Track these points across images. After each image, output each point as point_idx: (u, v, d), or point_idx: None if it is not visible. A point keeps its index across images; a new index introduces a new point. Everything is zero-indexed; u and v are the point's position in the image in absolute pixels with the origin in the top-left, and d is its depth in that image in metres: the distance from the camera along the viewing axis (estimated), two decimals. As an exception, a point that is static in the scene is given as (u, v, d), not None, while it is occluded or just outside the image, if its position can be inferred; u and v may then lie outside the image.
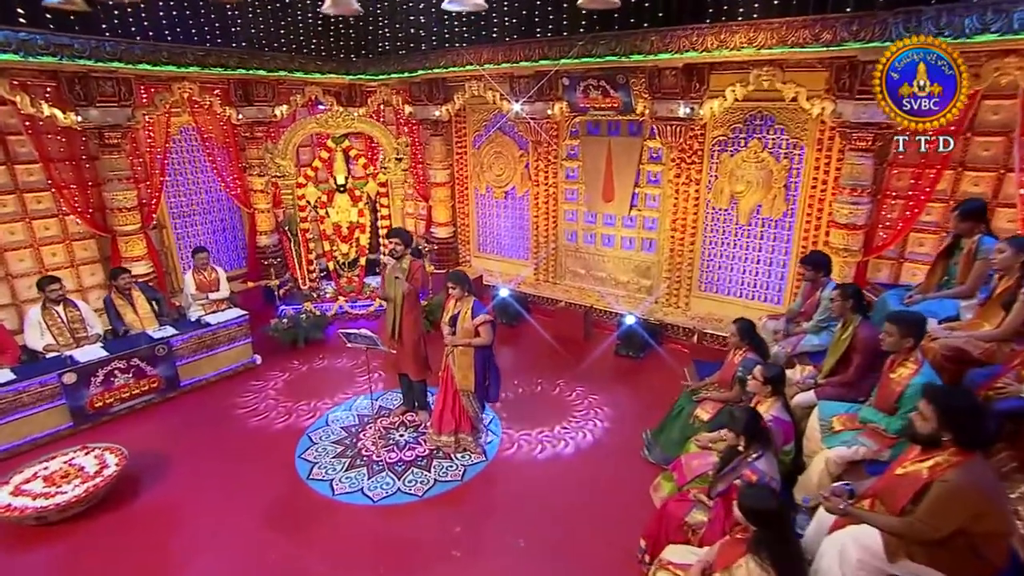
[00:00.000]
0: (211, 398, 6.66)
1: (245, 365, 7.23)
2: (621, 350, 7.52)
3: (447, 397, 5.55)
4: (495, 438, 5.88)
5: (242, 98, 8.69)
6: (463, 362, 5.36)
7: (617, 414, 6.36)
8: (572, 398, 6.57)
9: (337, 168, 8.60)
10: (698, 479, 4.48)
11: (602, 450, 5.68)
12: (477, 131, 9.58)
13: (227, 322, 7.02)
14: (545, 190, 8.92)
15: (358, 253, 8.97)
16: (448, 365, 5.46)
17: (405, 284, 5.61)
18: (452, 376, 5.44)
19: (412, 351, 5.84)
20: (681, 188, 7.65)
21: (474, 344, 5.25)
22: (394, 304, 5.77)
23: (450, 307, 5.45)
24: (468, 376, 5.39)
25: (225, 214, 9.40)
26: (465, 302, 5.33)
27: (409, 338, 5.81)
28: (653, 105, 7.23)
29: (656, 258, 8.23)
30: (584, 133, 8.39)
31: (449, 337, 5.36)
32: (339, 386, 6.90)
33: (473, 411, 5.55)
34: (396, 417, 6.21)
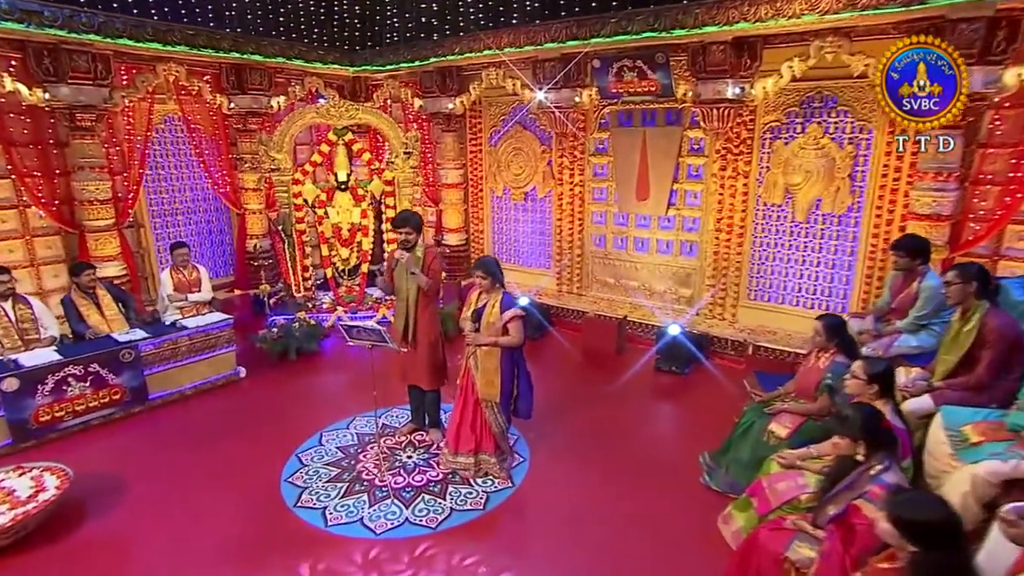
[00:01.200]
0: (185, 414, 5.90)
1: (227, 378, 6.49)
2: (662, 365, 6.78)
3: (466, 409, 4.79)
4: (522, 461, 5.08)
5: (235, 85, 8.17)
6: (487, 365, 4.61)
7: (664, 436, 5.61)
8: (610, 418, 5.79)
9: (339, 163, 8.02)
10: (787, 505, 3.68)
11: (651, 478, 4.87)
12: (494, 126, 9.04)
13: (208, 326, 6.29)
14: (570, 190, 8.33)
15: (359, 259, 8.32)
16: (469, 369, 4.72)
17: (422, 278, 4.89)
18: (473, 383, 4.69)
19: (427, 356, 5.12)
20: (727, 182, 7.04)
21: (501, 344, 4.53)
22: (406, 300, 5.05)
23: (473, 299, 4.75)
24: (493, 383, 4.64)
25: (212, 215, 8.80)
26: (493, 294, 4.63)
27: (424, 340, 5.09)
28: (697, 87, 6.67)
29: (698, 263, 7.58)
30: (615, 124, 7.83)
31: (472, 335, 4.62)
32: (335, 402, 6.16)
33: (498, 426, 4.77)
34: (403, 436, 5.43)
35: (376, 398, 4.88)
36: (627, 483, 4.78)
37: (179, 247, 6.76)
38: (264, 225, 8.78)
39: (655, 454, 5.23)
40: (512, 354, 4.64)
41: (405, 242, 4.93)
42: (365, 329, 4.57)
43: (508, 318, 4.55)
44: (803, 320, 6.81)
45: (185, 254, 6.76)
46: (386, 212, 8.30)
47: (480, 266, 4.61)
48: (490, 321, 4.59)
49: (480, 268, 4.61)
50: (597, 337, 7.38)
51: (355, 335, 4.65)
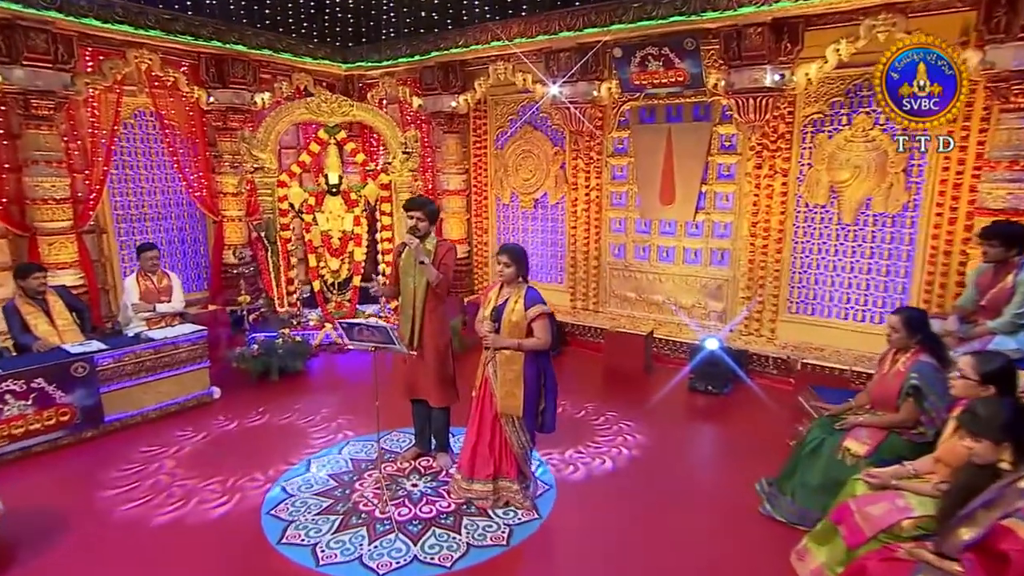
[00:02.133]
0: (147, 438, 5.34)
1: (199, 398, 5.97)
2: (697, 384, 6.34)
3: (483, 426, 4.30)
4: (548, 489, 4.55)
5: (215, 78, 7.83)
6: (508, 373, 4.14)
7: (710, 462, 5.14)
8: (646, 444, 5.30)
9: (330, 164, 7.67)
10: (886, 533, 3.18)
11: (701, 509, 4.38)
12: (501, 127, 8.74)
13: (177, 338, 5.79)
14: (585, 195, 7.99)
15: (351, 271, 7.89)
16: (487, 379, 4.25)
17: (431, 270, 4.45)
18: (491, 395, 4.22)
19: (435, 365, 4.65)
20: (763, 182, 6.72)
21: (525, 347, 4.08)
22: (412, 300, 4.61)
23: (492, 296, 4.29)
24: (515, 394, 4.15)
25: (185, 221, 8.37)
26: (515, 289, 4.18)
27: (432, 346, 4.62)
28: (730, 76, 6.39)
29: (731, 273, 7.21)
30: (636, 122, 7.53)
31: (490, 336, 4.14)
32: (324, 425, 5.64)
33: (520, 446, 4.28)
34: (405, 462, 4.90)
35: (378, 410, 4.35)
36: (674, 515, 4.28)
37: (148, 249, 6.27)
38: (244, 234, 8.33)
39: (702, 482, 4.76)
40: (537, 359, 4.19)
41: (415, 228, 4.52)
42: (369, 327, 4.09)
43: (533, 316, 4.10)
44: (853, 335, 6.46)
45: (155, 257, 6.26)
46: (381, 220, 7.90)
47: (505, 251, 4.18)
48: (512, 320, 4.14)
49: (505, 253, 4.18)
50: (621, 355, 6.92)
51: (356, 335, 4.18)
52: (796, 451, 4.37)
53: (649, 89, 7.03)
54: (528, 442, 4.31)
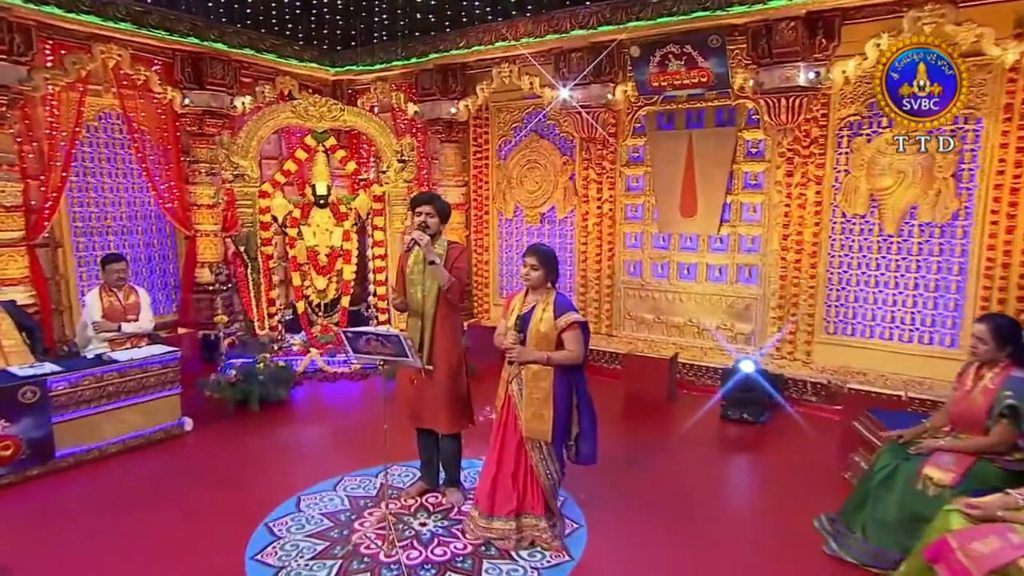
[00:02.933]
0: (106, 477, 4.89)
1: (168, 430, 5.54)
2: (731, 412, 6.04)
3: (505, 454, 3.95)
4: (578, 528, 4.17)
5: (191, 79, 7.60)
6: (536, 391, 3.81)
7: (757, 498, 4.81)
8: (680, 477, 4.97)
9: (317, 173, 7.41)
10: (999, 573, 2.83)
11: (755, 549, 4.03)
12: (504, 136, 8.59)
13: (146, 360, 5.37)
14: (597, 208, 7.80)
15: (339, 291, 7.56)
16: (510, 398, 3.91)
17: (443, 273, 4.17)
18: (515, 417, 3.89)
19: (446, 386, 4.30)
20: (795, 191, 6.54)
21: (555, 361, 3.77)
22: (421, 310, 4.31)
23: (516, 303, 3.97)
24: (543, 415, 3.82)
25: (153, 236, 8.03)
26: (543, 294, 3.89)
27: (443, 364, 4.29)
28: (759, 75, 6.27)
29: (760, 291, 7.00)
30: (653, 128, 7.39)
31: (516, 349, 3.82)
32: (314, 459, 5.25)
33: (548, 477, 3.93)
34: (410, 499, 4.50)
35: (387, 433, 3.94)
36: (725, 557, 3.91)
37: (114, 260, 5.87)
38: (219, 250, 7.97)
39: (751, 519, 4.41)
40: (569, 376, 3.89)
41: (424, 226, 4.23)
42: (379, 336, 3.71)
43: (564, 325, 3.81)
44: (900, 358, 6.23)
45: (122, 270, 5.86)
46: (373, 235, 7.58)
47: (533, 252, 3.89)
48: (540, 330, 3.83)
49: (533, 255, 3.89)
50: (642, 382, 6.59)
51: (362, 347, 3.79)
52: (863, 482, 4.04)
53: (669, 92, 6.88)
54: (557, 472, 3.98)
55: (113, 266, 5.85)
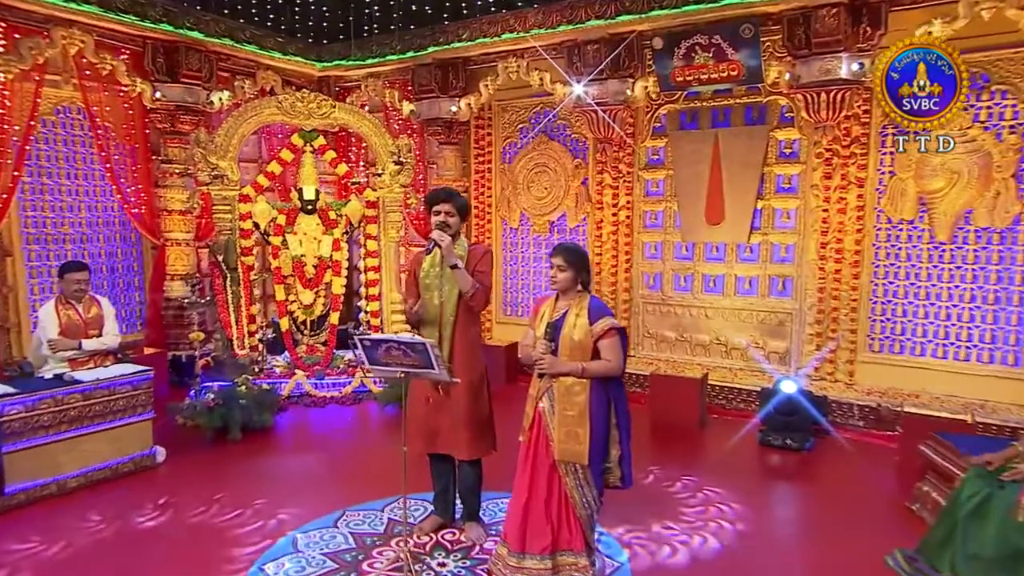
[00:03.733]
0: (64, 517, 4.53)
1: (138, 461, 5.22)
2: (772, 438, 5.83)
3: (536, 480, 3.68)
4: (619, 567, 3.90)
5: (164, 70, 7.40)
6: (569, 407, 3.57)
7: (814, 535, 4.48)
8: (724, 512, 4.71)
9: (305, 176, 7.21)
10: None
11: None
12: (509, 138, 8.52)
13: (114, 381, 5.07)
14: (613, 215, 7.68)
15: (327, 306, 7.31)
16: (539, 416, 3.66)
17: (467, 278, 3.97)
18: (546, 438, 3.63)
19: (467, 405, 4.06)
20: (834, 195, 6.45)
21: (591, 372, 3.54)
22: (439, 320, 4.09)
23: (544, 309, 3.74)
24: (578, 434, 3.57)
25: (116, 245, 7.73)
26: (576, 298, 3.68)
27: (463, 381, 4.00)
28: (795, 68, 6.18)
29: (795, 305, 6.88)
30: (674, 127, 7.31)
31: (547, 360, 3.57)
32: (310, 493, 4.92)
33: (586, 506, 3.65)
34: (424, 535, 4.22)
35: (405, 457, 3.65)
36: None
37: (74, 269, 5.51)
38: (191, 261, 7.67)
39: (813, 559, 4.15)
40: (606, 389, 3.65)
41: (444, 225, 4.03)
42: (401, 344, 3.46)
43: (601, 332, 3.57)
44: (955, 378, 6.09)
45: (83, 280, 5.51)
46: (366, 244, 7.36)
47: (560, 251, 3.67)
48: (574, 338, 3.59)
49: (560, 254, 3.67)
50: (670, 405, 6.37)
51: (380, 357, 3.53)
52: (948, 513, 3.82)
53: (694, 87, 6.78)
54: (595, 500, 3.69)
55: (74, 276, 5.49)
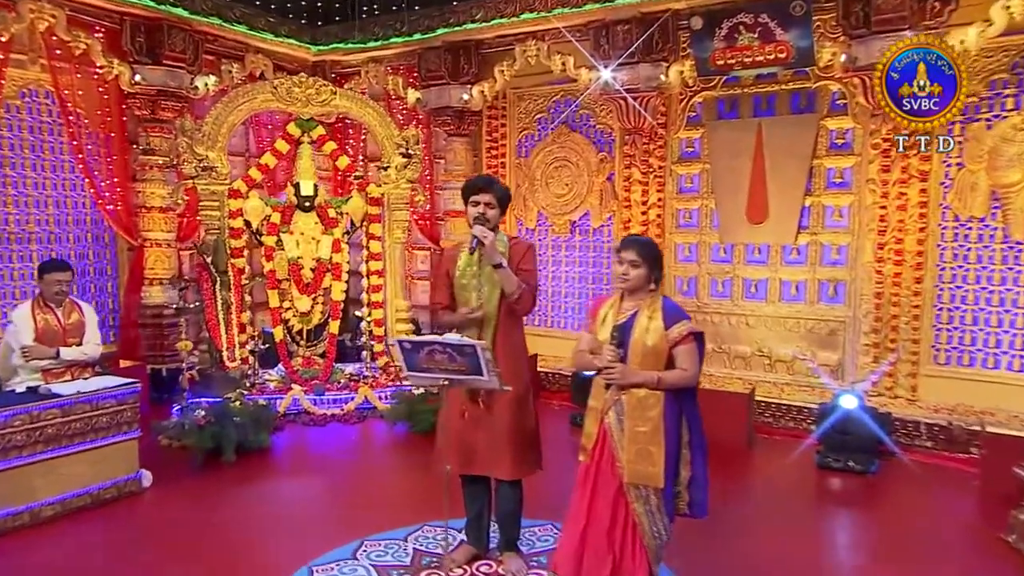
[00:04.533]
0: (39, 550, 4.28)
1: (121, 486, 4.94)
2: (831, 460, 5.65)
3: (597, 505, 3.47)
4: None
5: (143, 50, 7.18)
6: (642, 423, 3.36)
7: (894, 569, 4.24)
8: (791, 544, 4.50)
9: (303, 170, 7.06)
10: None
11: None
12: (525, 129, 8.44)
13: (96, 395, 4.80)
14: (642, 214, 7.55)
15: (326, 314, 7.13)
16: (605, 432, 3.44)
17: (512, 279, 3.77)
18: (611, 457, 3.43)
19: (510, 421, 3.85)
20: (893, 190, 6.33)
21: (667, 383, 3.34)
22: (479, 325, 3.89)
23: (607, 312, 3.53)
24: (652, 455, 3.36)
25: (88, 246, 7.45)
26: (646, 300, 3.45)
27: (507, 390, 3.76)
28: (851, 49, 6.06)
29: (848, 312, 6.76)
30: (712, 117, 7.23)
31: (617, 368, 3.33)
32: (321, 522, 4.69)
33: (655, 536, 3.42)
34: (456, 566, 4.02)
35: (447, 476, 3.39)
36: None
37: (56, 269, 5.23)
38: (173, 264, 7.42)
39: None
40: (679, 402, 3.44)
41: (483, 219, 3.81)
42: (446, 347, 3.23)
43: (679, 337, 3.35)
44: None
45: (64, 282, 5.22)
46: (369, 246, 7.19)
47: (631, 245, 3.45)
48: (647, 344, 3.36)
49: (631, 247, 3.43)
50: (712, 423, 5.83)
51: (421, 362, 3.29)
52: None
53: (736, 71, 6.66)
54: (666, 529, 3.45)
55: (55, 276, 5.20)
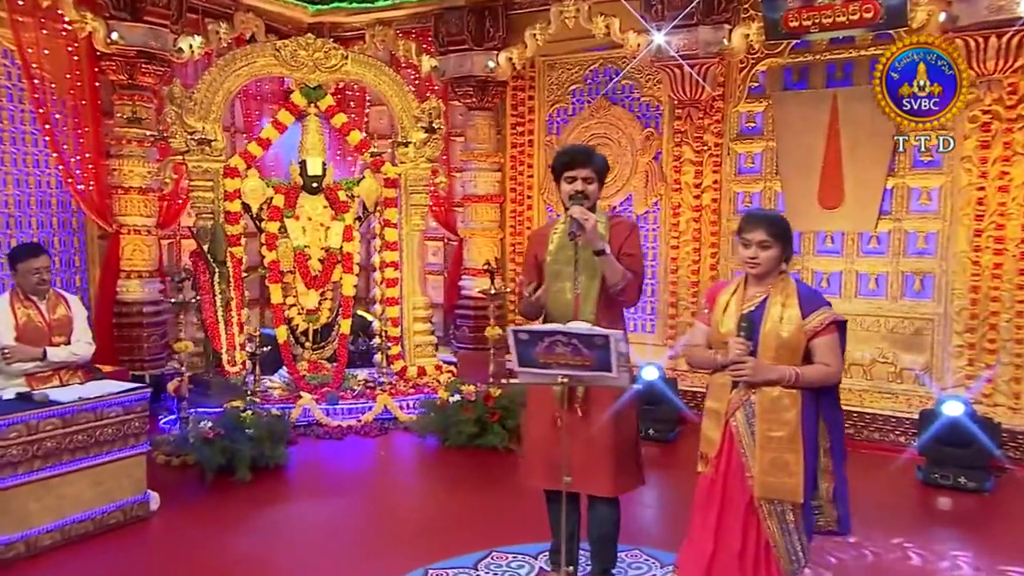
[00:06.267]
0: None
1: (127, 509, 4.83)
2: (937, 476, 5.66)
3: (727, 523, 3.44)
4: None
5: (120, 5, 6.98)
6: (776, 427, 3.34)
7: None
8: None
9: (310, 145, 7.13)
10: None
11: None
12: (557, 102, 8.49)
13: (101, 401, 4.68)
14: (695, 198, 7.61)
15: (335, 311, 7.18)
16: (731, 437, 3.42)
17: (616, 266, 3.71)
18: (739, 466, 3.40)
19: (610, 431, 3.82)
20: (994, 169, 6.34)
21: (805, 380, 3.31)
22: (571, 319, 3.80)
23: (728, 298, 3.50)
24: (789, 464, 3.32)
25: (54, 232, 7.36)
26: (777, 285, 3.43)
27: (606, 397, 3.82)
28: (952, 7, 6.06)
29: (937, 309, 6.78)
30: (777, 87, 7.27)
31: (749, 363, 3.31)
32: (368, 549, 4.67)
33: (792, 559, 3.39)
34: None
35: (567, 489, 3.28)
36: None
37: (29, 255, 5.07)
38: (152, 254, 7.34)
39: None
40: (817, 403, 3.42)
41: (581, 195, 3.73)
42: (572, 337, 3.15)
43: (819, 327, 3.32)
44: None
45: (43, 268, 5.07)
46: (383, 234, 7.28)
47: (760, 221, 3.42)
48: (781, 335, 3.33)
49: (761, 226, 3.38)
50: None
51: (536, 357, 3.20)
52: None
53: (812, 34, 6.65)
54: (805, 550, 3.42)
55: (31, 263, 5.03)
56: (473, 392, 6.18)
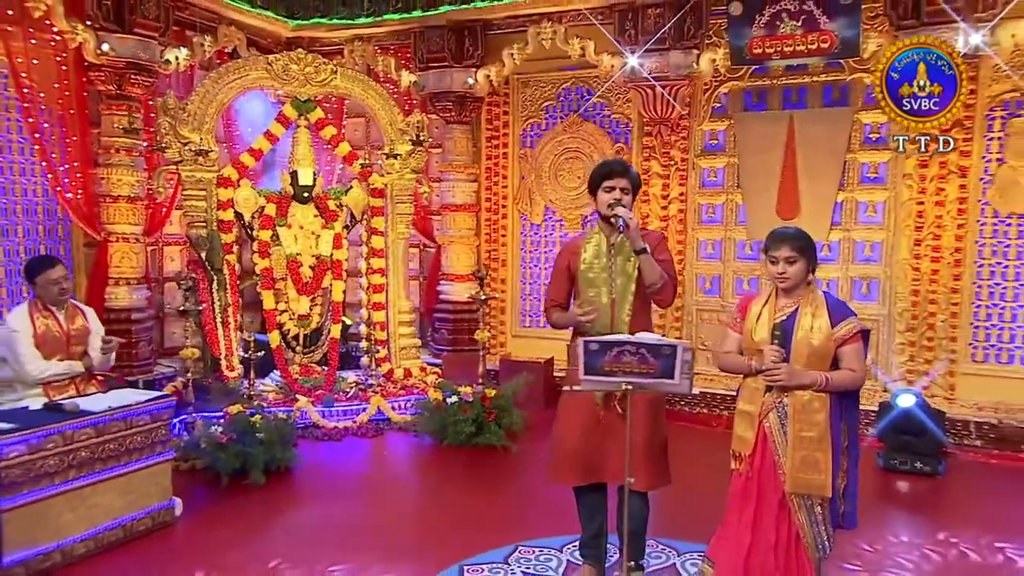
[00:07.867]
0: None
1: (155, 515, 4.60)
2: (896, 461, 5.85)
3: (762, 519, 3.49)
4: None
5: (110, 16, 6.69)
6: (808, 428, 3.41)
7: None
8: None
9: (300, 156, 6.95)
10: None
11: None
12: (531, 118, 8.44)
13: (130, 410, 4.44)
14: (662, 209, 7.65)
15: (326, 317, 7.02)
16: (765, 437, 3.47)
17: (654, 267, 3.74)
18: (772, 464, 3.46)
19: (646, 428, 3.80)
20: (931, 186, 6.58)
21: (833, 385, 3.41)
22: (608, 322, 3.86)
23: (760, 308, 3.57)
24: (819, 462, 3.40)
25: (40, 240, 7.00)
26: (806, 296, 3.51)
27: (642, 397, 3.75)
28: (898, 40, 6.21)
29: (881, 310, 7.02)
30: (738, 109, 7.39)
31: (784, 369, 3.39)
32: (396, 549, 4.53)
33: (819, 548, 3.48)
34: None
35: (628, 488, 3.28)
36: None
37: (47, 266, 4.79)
38: (140, 262, 6.99)
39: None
40: (841, 406, 3.51)
41: (618, 203, 3.76)
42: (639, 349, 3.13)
43: (846, 335, 3.41)
44: None
45: (62, 279, 4.81)
46: (370, 241, 7.13)
47: (784, 239, 3.48)
48: (813, 343, 3.40)
49: (784, 243, 3.46)
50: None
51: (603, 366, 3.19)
52: None
53: (774, 60, 6.81)
54: (830, 540, 3.50)
55: (49, 274, 4.77)
56: (470, 393, 6.11)
